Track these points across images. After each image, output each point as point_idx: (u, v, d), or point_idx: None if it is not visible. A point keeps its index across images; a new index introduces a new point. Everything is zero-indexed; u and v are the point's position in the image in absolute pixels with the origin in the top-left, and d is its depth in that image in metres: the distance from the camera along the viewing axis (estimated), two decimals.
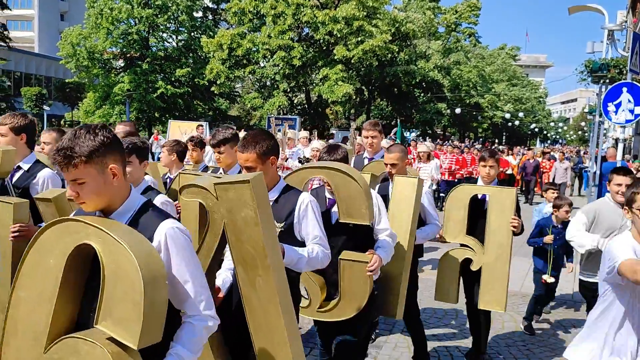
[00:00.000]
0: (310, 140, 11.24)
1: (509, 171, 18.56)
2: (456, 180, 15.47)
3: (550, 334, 5.75)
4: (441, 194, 14.61)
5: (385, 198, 4.03)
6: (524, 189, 18.08)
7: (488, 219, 4.23)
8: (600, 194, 10.60)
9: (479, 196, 4.47)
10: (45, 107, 35.81)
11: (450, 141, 33.36)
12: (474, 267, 4.34)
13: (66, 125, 34.19)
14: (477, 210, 4.37)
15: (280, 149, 7.58)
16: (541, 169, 18.05)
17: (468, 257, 4.38)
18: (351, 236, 3.39)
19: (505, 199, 4.21)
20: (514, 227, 4.19)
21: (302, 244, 2.92)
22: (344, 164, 3.40)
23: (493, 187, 4.39)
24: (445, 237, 4.44)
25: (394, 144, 4.62)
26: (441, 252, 8.96)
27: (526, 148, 27.06)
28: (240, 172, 3.79)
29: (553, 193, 6.70)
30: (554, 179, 16.51)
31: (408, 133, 43.52)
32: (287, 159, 9.41)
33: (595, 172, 10.74)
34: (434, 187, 11.37)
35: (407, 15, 31.73)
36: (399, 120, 20.12)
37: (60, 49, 33.32)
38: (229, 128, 4.47)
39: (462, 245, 4.43)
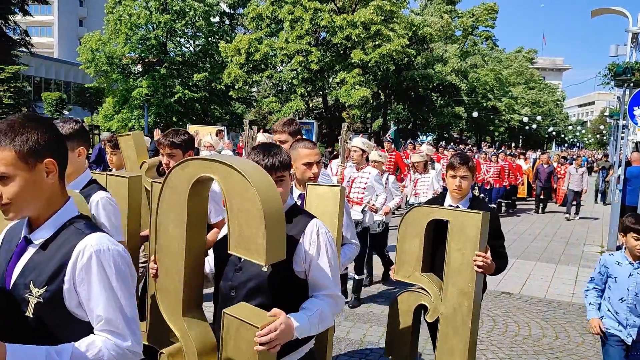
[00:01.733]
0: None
1: (522, 178, 17.46)
2: None
3: (578, 342, 5.67)
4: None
5: None
6: (542, 197, 16.48)
7: (447, 255, 3.05)
8: (624, 199, 10.46)
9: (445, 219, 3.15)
10: (65, 112, 36.21)
11: (465, 145, 33.16)
12: (429, 318, 3.16)
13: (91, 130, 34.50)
14: (443, 238, 3.11)
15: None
16: (556, 174, 16.63)
17: (423, 304, 3.20)
18: (275, 275, 2.18)
19: (470, 226, 2.98)
20: (479, 267, 2.93)
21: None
22: (245, 160, 2.18)
23: (455, 211, 3.13)
24: (395, 276, 3.28)
25: (303, 139, 3.41)
26: None
27: (540, 152, 24.53)
28: None
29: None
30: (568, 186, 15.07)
31: (424, 137, 43.39)
32: None
33: (619, 176, 10.58)
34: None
35: (424, 19, 31.68)
36: (391, 122, 19.66)
37: (79, 54, 33.70)
38: (181, 131, 3.75)
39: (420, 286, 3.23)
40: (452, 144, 26.90)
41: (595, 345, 5.56)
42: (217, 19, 36.19)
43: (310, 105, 31.90)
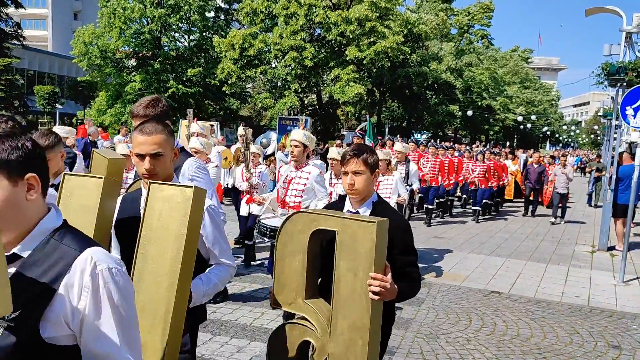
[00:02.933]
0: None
1: (508, 178, 16.59)
2: (438, 187, 13.31)
3: (566, 342, 5.62)
4: (429, 206, 12.93)
5: None
6: (531, 199, 15.42)
7: (335, 279, 2.36)
8: (616, 198, 10.44)
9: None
10: (58, 106, 35.96)
11: (460, 143, 33.13)
12: (317, 357, 2.45)
13: (77, 124, 34.37)
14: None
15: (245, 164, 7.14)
16: (547, 175, 15.23)
17: (308, 340, 2.51)
18: None
19: (362, 239, 2.29)
20: (375, 293, 2.29)
21: None
22: None
23: (344, 219, 2.36)
24: (274, 303, 2.58)
25: (152, 121, 2.60)
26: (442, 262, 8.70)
27: (532, 151, 23.15)
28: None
29: None
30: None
31: (419, 135, 43.39)
32: (254, 186, 7.26)
33: (611, 177, 10.56)
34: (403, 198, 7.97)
35: (419, 17, 31.59)
36: (368, 116, 17.73)
37: (73, 47, 33.46)
38: (51, 132, 3.60)
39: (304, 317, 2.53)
40: (432, 140, 25.51)
41: (583, 346, 5.52)
42: (212, 13, 35.99)
43: (305, 102, 31.80)
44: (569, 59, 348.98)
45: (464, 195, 16.31)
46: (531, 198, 15.42)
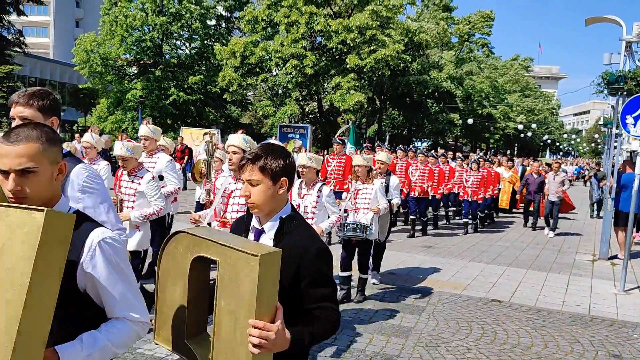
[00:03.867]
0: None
1: (502, 186, 15.87)
2: (430, 197, 12.59)
3: (567, 351, 5.60)
4: (412, 217, 12.22)
5: None
6: (530, 210, 14.70)
7: (215, 322, 1.91)
8: (617, 206, 10.42)
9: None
10: None
11: (461, 152, 33.14)
12: None
13: (78, 131, 34.44)
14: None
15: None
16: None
17: None
18: None
19: (244, 275, 1.83)
20: (255, 345, 1.83)
21: None
22: None
23: (226, 248, 1.87)
24: (156, 338, 2.10)
25: (28, 125, 1.88)
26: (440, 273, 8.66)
27: (530, 159, 21.89)
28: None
29: None
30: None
31: (419, 143, 43.43)
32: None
33: (611, 187, 10.55)
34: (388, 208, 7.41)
35: (420, 26, 31.71)
36: (350, 122, 15.91)
37: (74, 55, 33.58)
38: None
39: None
40: (409, 146, 24.27)
41: (583, 355, 5.49)
42: (213, 21, 36.16)
43: (306, 110, 31.86)
44: (569, 67, 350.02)
45: (453, 208, 15.40)
46: (531, 209, 14.55)
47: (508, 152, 52.43)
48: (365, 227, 6.60)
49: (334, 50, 27.42)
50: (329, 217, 5.84)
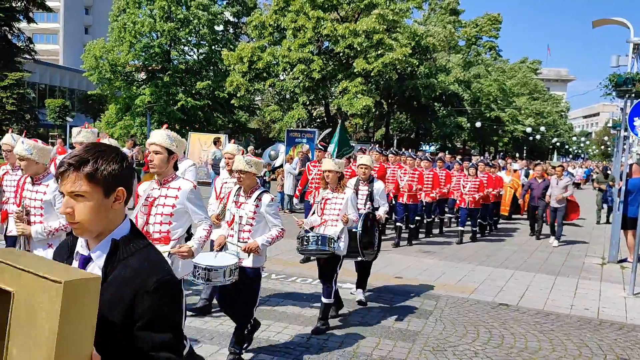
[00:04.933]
0: None
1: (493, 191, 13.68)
2: (421, 203, 11.75)
3: (575, 355, 5.57)
4: (398, 224, 11.25)
5: None
6: (535, 216, 13.65)
7: None
8: (626, 211, 10.34)
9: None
10: (68, 119, 36.37)
11: (469, 155, 33.05)
12: None
13: None
14: None
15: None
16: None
17: None
18: None
19: (40, 314, 1.35)
20: None
21: None
22: None
23: (21, 273, 1.41)
24: None
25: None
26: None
27: (534, 163, 19.82)
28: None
29: None
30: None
31: (427, 147, 43.36)
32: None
33: (620, 189, 10.47)
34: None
35: (427, 29, 31.68)
36: (340, 120, 13.11)
37: (83, 61, 33.86)
38: None
39: None
40: (405, 150, 23.16)
41: (592, 359, 5.46)
42: (221, 27, 36.33)
43: (313, 114, 31.90)
44: (578, 69, 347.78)
45: (448, 215, 14.34)
46: (535, 216, 13.60)
47: (517, 155, 52.21)
48: (331, 239, 5.58)
49: (341, 54, 27.43)
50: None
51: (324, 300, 5.83)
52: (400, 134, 41.56)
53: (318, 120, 32.45)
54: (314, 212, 6.14)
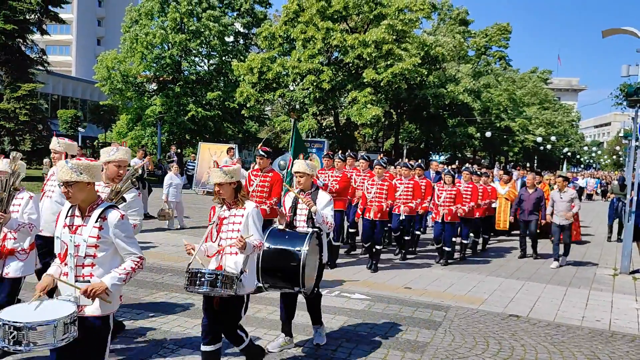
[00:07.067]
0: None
1: (495, 204, 12.77)
2: (417, 214, 10.85)
3: None
4: (364, 244, 9.70)
5: None
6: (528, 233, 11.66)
7: None
8: (638, 222, 10.26)
9: None
10: (80, 129, 36.71)
11: (479, 164, 32.87)
12: None
13: (99, 146, 34.95)
14: None
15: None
16: (546, 200, 11.59)
17: None
18: None
19: None
20: None
21: None
22: None
23: None
24: None
25: None
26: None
27: (525, 171, 17.71)
28: None
29: None
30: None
31: (437, 156, 43.27)
32: None
33: (632, 199, 10.39)
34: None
35: (436, 39, 31.72)
36: (293, 119, 12.33)
37: (95, 72, 34.19)
38: None
39: None
40: (396, 159, 23.08)
41: None
42: (231, 38, 36.55)
43: (323, 124, 31.97)
44: (589, 79, 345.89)
45: (418, 232, 11.90)
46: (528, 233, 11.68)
47: (527, 165, 51.95)
48: (232, 278, 4.17)
49: (351, 64, 27.53)
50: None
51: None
52: (409, 143, 41.51)
53: (327, 130, 32.53)
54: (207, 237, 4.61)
